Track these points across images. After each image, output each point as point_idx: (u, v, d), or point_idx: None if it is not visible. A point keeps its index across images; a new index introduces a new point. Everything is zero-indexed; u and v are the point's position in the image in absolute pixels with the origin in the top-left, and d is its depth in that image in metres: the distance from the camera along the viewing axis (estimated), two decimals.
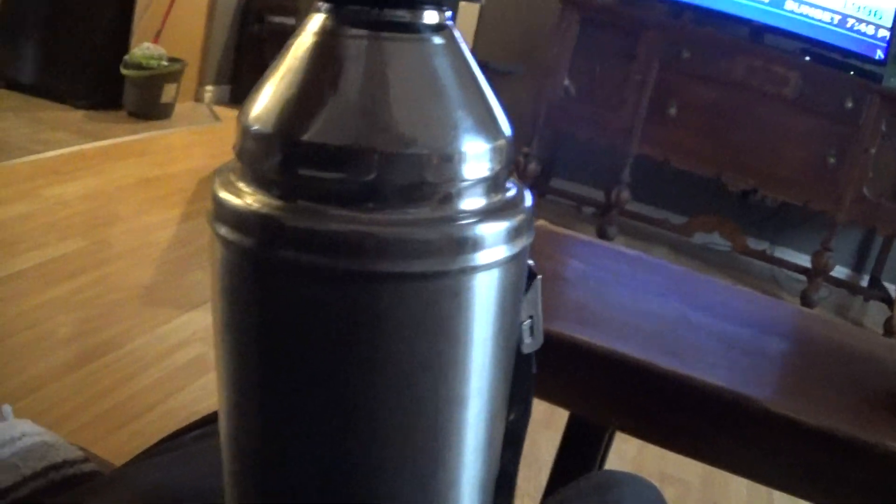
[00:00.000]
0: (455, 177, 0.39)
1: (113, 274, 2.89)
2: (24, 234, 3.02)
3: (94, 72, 4.84)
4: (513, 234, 0.41)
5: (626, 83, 4.42)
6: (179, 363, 2.39)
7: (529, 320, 0.48)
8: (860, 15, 4.33)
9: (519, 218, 0.42)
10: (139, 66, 4.77)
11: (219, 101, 5.65)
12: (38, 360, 2.26)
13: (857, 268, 5.00)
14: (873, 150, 4.15)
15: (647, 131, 4.43)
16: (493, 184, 0.41)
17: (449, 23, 0.41)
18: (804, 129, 4.24)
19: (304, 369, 0.40)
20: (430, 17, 0.40)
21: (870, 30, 4.33)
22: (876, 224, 4.35)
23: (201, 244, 3.19)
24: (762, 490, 2.34)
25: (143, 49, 4.83)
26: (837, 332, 1.48)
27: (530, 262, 0.47)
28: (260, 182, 0.39)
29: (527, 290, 0.47)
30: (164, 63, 4.86)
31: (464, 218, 0.39)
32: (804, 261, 4.57)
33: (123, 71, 4.78)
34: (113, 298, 2.70)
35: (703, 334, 1.26)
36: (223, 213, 0.40)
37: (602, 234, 4.61)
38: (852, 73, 4.24)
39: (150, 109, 4.88)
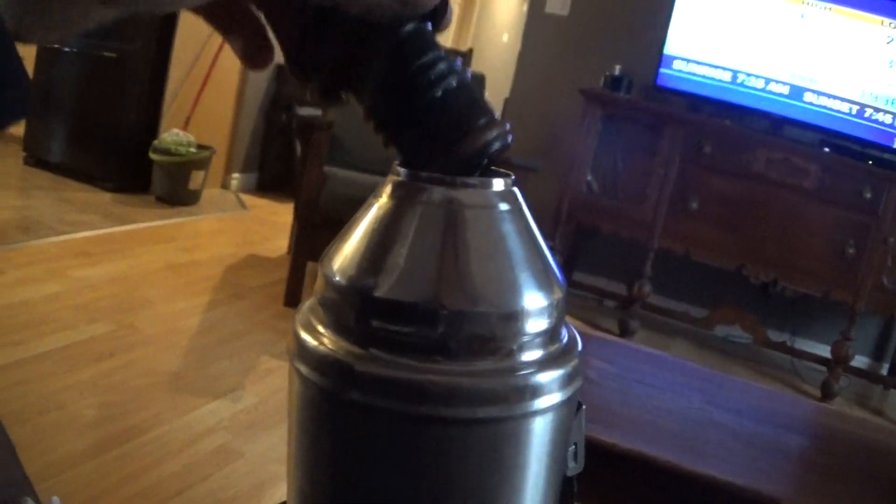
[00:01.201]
0: (517, 332, 0.42)
1: (140, 359, 2.92)
2: (52, 315, 3.06)
3: (122, 155, 4.91)
4: (567, 381, 0.44)
5: (648, 177, 4.46)
6: (205, 451, 2.40)
7: (574, 446, 0.51)
8: (878, 104, 4.36)
9: (572, 364, 0.45)
10: (168, 152, 4.84)
11: (245, 189, 5.72)
12: (64, 443, 2.27)
13: (877, 357, 4.98)
14: (892, 240, 4.17)
15: (669, 225, 4.46)
16: (550, 336, 0.44)
17: (514, 189, 0.45)
18: (823, 220, 4.26)
19: (372, 500, 0.43)
20: (498, 184, 0.44)
21: (887, 119, 4.36)
22: (895, 313, 4.35)
23: (227, 332, 3.22)
24: None
25: (172, 135, 4.90)
26: (856, 426, 1.49)
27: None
28: (338, 328, 0.43)
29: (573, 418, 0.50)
30: (193, 150, 4.92)
31: (524, 369, 0.42)
32: (824, 351, 4.56)
33: (152, 156, 4.84)
34: (139, 384, 2.72)
35: (725, 432, 1.28)
36: (303, 353, 0.43)
37: (624, 328, 4.61)
38: (871, 162, 4.26)
39: (178, 195, 4.94)
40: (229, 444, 2.47)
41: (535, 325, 0.43)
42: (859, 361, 4.70)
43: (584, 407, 0.51)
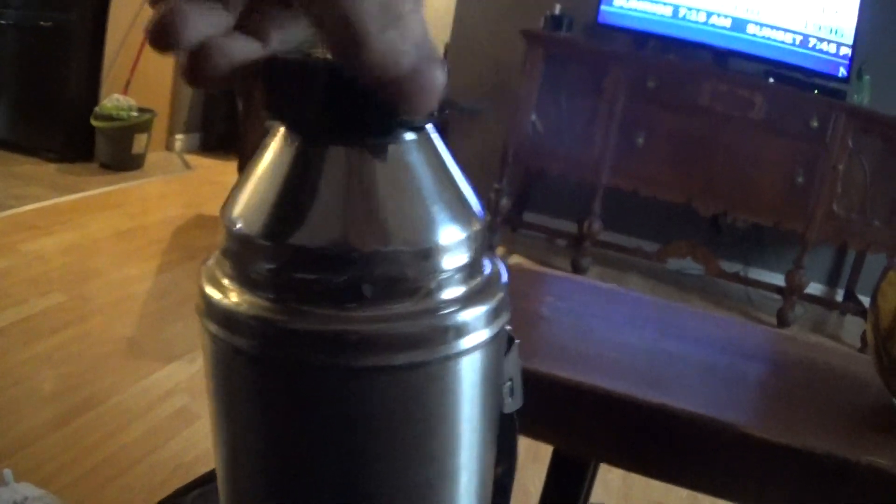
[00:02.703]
0: (434, 270, 0.40)
1: (94, 328, 2.89)
2: (4, 291, 3.02)
3: (64, 124, 4.84)
4: (493, 316, 0.42)
5: (594, 116, 4.46)
6: (164, 415, 2.39)
7: (510, 382, 0.49)
8: (821, 34, 4.39)
9: (497, 298, 0.43)
10: (109, 118, 4.78)
11: (189, 150, 5.66)
12: (25, 418, 2.25)
13: (832, 283, 5.04)
14: (841, 167, 4.20)
15: (616, 162, 4.47)
16: (470, 270, 0.42)
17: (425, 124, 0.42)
18: (771, 151, 4.28)
19: (296, 457, 0.41)
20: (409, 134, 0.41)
21: (832, 48, 4.39)
22: (847, 239, 4.39)
23: (180, 296, 3.20)
24: None
25: (112, 100, 4.84)
26: (812, 351, 1.49)
27: (508, 327, 0.47)
28: (245, 281, 0.40)
29: (507, 353, 0.48)
30: (134, 113, 4.88)
31: (445, 308, 0.40)
32: (778, 280, 4.61)
33: (94, 122, 4.79)
34: (95, 353, 2.70)
35: (680, 363, 1.28)
36: (210, 310, 0.41)
37: (576, 266, 4.63)
38: (816, 91, 4.29)
39: (122, 160, 4.89)
40: (188, 406, 2.46)
41: (453, 260, 0.40)
42: (814, 289, 4.75)
43: (517, 341, 0.49)
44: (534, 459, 2.02)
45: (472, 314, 0.41)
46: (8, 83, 4.86)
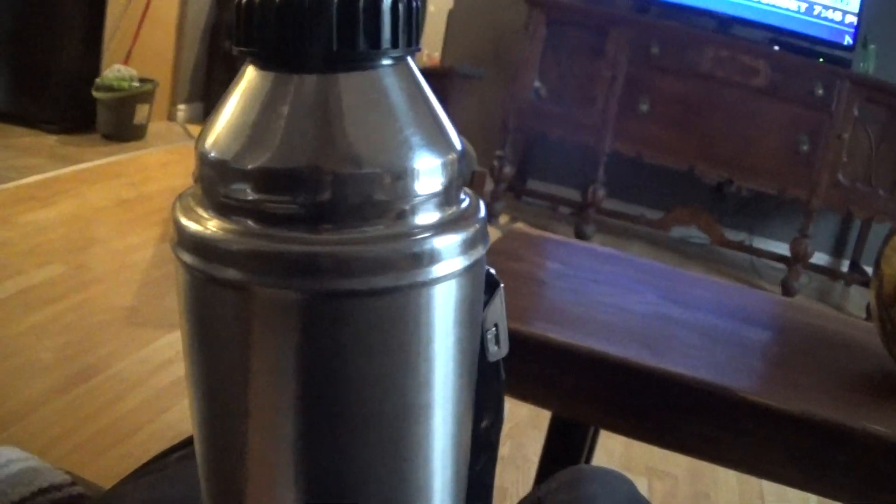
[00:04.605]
0: (408, 193, 0.39)
1: (94, 297, 2.88)
2: (3, 262, 3.01)
3: (65, 96, 4.81)
4: (468, 245, 0.42)
5: (596, 81, 4.43)
6: (164, 383, 2.38)
7: (494, 329, 0.49)
8: (827, 2, 4.36)
9: (473, 229, 0.42)
10: (111, 88, 4.76)
11: (192, 119, 5.64)
12: (24, 387, 2.25)
13: (837, 253, 5.03)
14: (846, 135, 4.18)
15: (619, 128, 4.44)
16: (445, 198, 0.42)
17: (402, 53, 0.41)
18: (776, 118, 4.27)
19: (268, 387, 0.41)
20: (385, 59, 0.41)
21: (837, 16, 4.36)
22: (852, 208, 4.38)
23: None
24: (751, 478, 2.35)
25: (113, 71, 4.81)
26: (815, 318, 1.49)
27: (492, 270, 0.48)
28: (217, 207, 0.40)
29: (490, 299, 0.48)
30: (136, 84, 4.85)
31: (418, 233, 0.40)
32: (783, 249, 4.60)
33: (95, 94, 4.76)
34: (95, 322, 2.69)
35: (681, 328, 1.27)
36: (184, 239, 0.41)
37: (579, 233, 4.62)
38: (821, 59, 4.27)
39: (124, 131, 4.87)
40: None
41: (427, 185, 0.40)
42: (819, 258, 4.74)
43: (501, 286, 0.48)
44: (534, 426, 2.01)
45: (447, 241, 0.41)
46: (8, 55, 4.83)
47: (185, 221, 0.41)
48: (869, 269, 4.50)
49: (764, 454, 1.09)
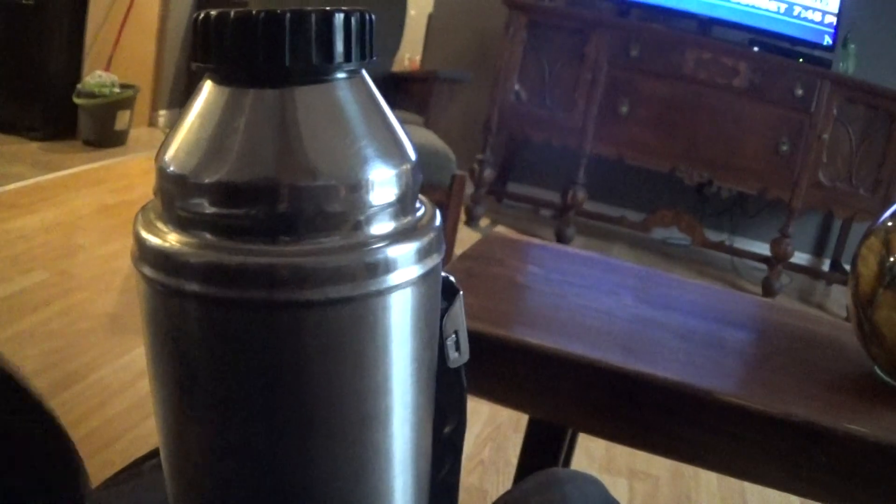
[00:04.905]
0: (363, 204, 0.40)
1: (77, 304, 2.87)
2: None
3: (47, 102, 4.80)
4: (423, 254, 0.43)
5: (577, 84, 4.44)
6: (146, 390, 2.34)
7: (454, 335, 0.50)
8: (806, 2, 4.38)
9: (428, 238, 0.43)
10: (92, 95, 4.75)
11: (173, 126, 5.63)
12: None
13: (818, 253, 5.05)
14: (826, 136, 4.20)
15: (600, 130, 4.45)
16: (400, 207, 0.42)
17: (355, 65, 0.42)
18: (756, 119, 4.28)
19: (227, 397, 0.41)
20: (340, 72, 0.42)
21: (816, 16, 4.38)
22: (833, 208, 4.39)
23: None
24: (733, 479, 2.35)
25: (94, 77, 4.80)
26: (794, 318, 1.49)
27: (451, 277, 0.49)
28: (176, 221, 0.41)
29: (449, 306, 0.49)
30: (117, 90, 4.84)
31: (373, 242, 0.40)
32: (764, 249, 4.61)
33: (76, 100, 4.75)
34: (78, 329, 2.68)
35: (660, 330, 1.27)
36: (144, 253, 0.42)
37: (560, 236, 4.62)
38: (801, 60, 4.28)
39: (105, 137, 4.86)
40: None
41: (382, 195, 0.41)
42: (800, 258, 4.76)
43: (461, 293, 0.49)
44: (515, 429, 2.01)
45: (401, 251, 0.41)
46: None
47: (145, 235, 0.42)
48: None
49: (744, 455, 1.09)
